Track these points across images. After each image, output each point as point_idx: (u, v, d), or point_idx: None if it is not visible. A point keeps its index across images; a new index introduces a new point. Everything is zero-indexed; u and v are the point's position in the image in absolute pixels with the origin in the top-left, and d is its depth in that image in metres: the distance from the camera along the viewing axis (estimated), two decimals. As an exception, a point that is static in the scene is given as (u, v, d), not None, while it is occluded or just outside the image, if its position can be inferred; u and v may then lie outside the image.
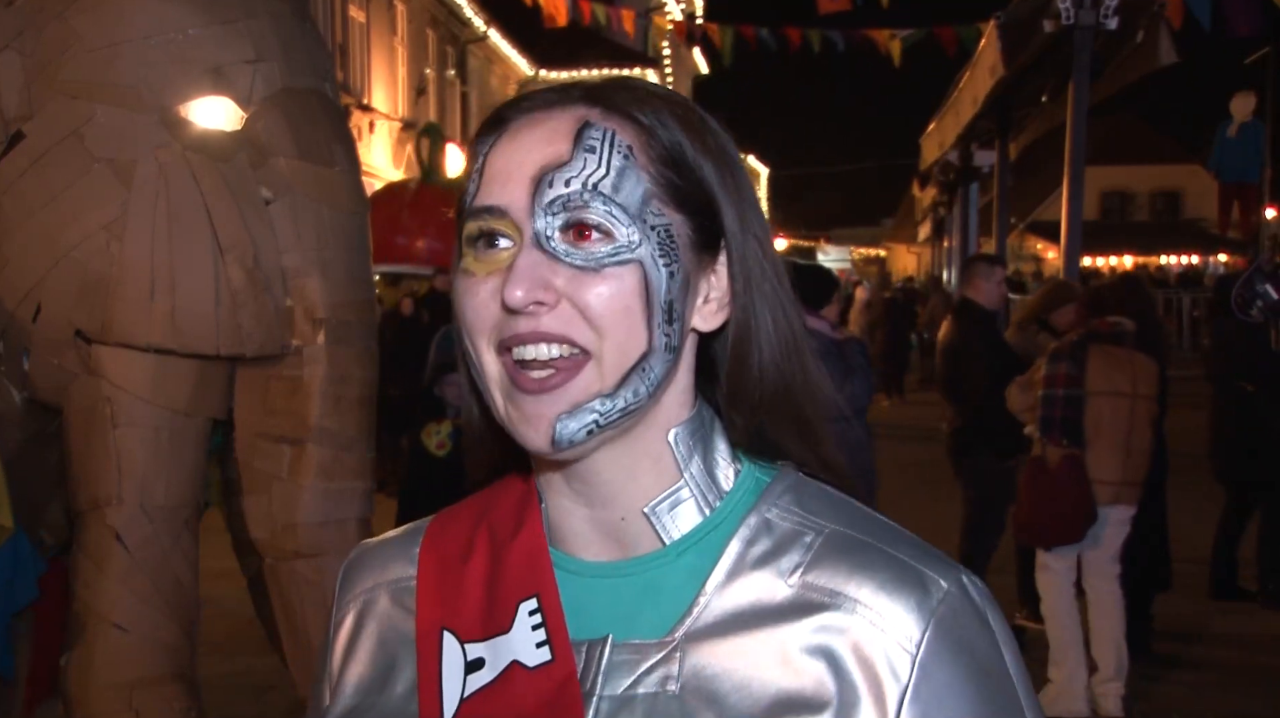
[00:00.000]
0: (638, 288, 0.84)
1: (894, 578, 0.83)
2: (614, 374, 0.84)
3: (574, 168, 0.84)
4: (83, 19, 2.96)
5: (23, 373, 3.06)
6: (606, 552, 0.91)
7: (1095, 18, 6.64)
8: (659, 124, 0.88)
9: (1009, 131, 11.28)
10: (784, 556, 0.86)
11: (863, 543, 0.86)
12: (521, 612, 0.89)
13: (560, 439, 0.84)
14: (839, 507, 0.90)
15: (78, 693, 2.91)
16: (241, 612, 3.94)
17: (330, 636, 1.00)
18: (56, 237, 2.90)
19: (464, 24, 21.02)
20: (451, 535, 0.96)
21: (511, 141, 0.87)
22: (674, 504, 0.89)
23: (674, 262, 0.86)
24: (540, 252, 0.84)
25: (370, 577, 0.99)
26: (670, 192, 0.87)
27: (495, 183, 0.86)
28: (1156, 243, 33.42)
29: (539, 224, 0.84)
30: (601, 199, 0.84)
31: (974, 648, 0.83)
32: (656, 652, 0.85)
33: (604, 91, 0.89)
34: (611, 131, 0.86)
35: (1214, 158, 15.34)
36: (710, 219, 0.89)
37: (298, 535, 3.04)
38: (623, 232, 0.84)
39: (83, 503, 2.98)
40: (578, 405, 0.84)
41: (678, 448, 0.90)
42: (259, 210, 2.98)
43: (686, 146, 0.88)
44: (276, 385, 3.05)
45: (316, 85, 3.22)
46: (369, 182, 11.79)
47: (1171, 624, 5.85)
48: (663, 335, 0.85)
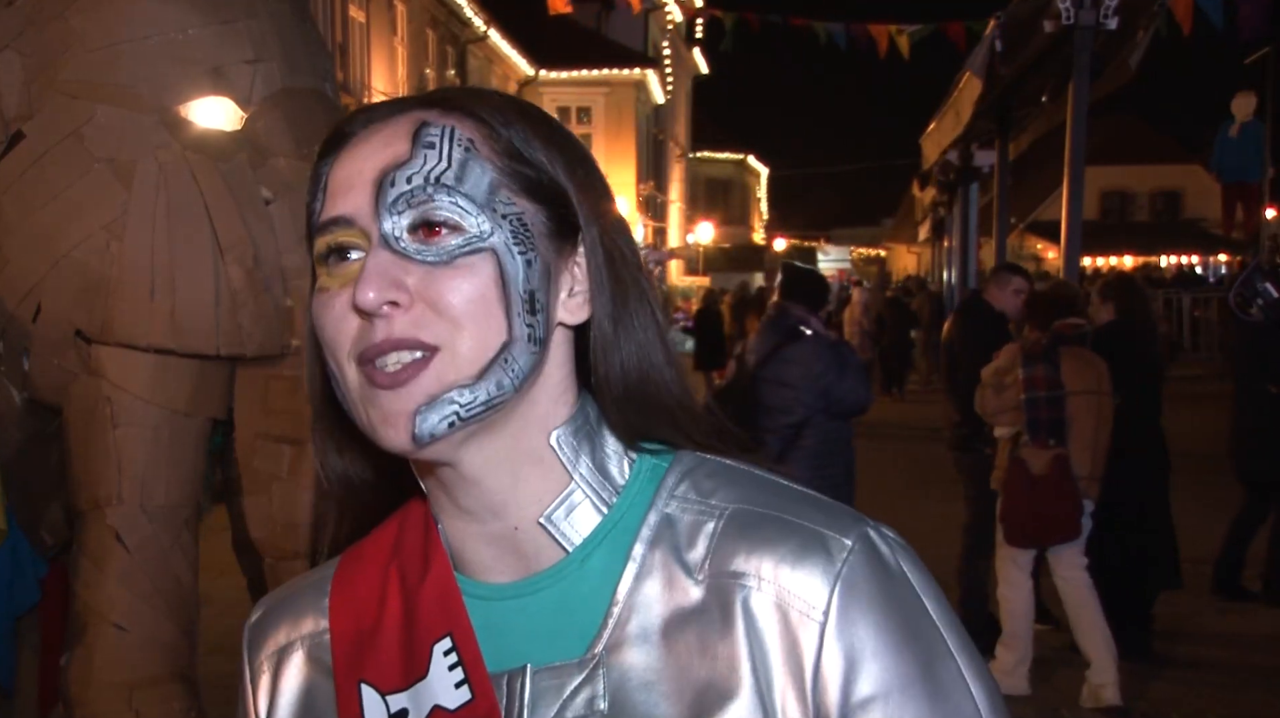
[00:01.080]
0: (494, 276, 0.81)
1: (795, 547, 0.82)
2: (472, 366, 0.81)
3: (414, 165, 0.82)
4: (83, 19, 2.96)
5: (23, 373, 3.06)
6: (511, 570, 0.88)
7: (1095, 18, 6.64)
8: (499, 119, 0.86)
9: (1009, 131, 11.27)
10: (690, 550, 0.84)
11: (761, 517, 0.84)
12: (436, 653, 0.86)
13: (420, 434, 0.80)
14: (736, 480, 0.88)
15: (78, 693, 2.91)
16: (241, 612, 3.93)
17: (249, 695, 0.97)
18: (56, 237, 2.90)
19: (464, 24, 21.03)
20: (361, 582, 0.92)
21: (351, 154, 0.85)
22: (569, 509, 0.87)
23: (530, 249, 0.84)
24: (390, 252, 0.81)
25: (282, 634, 0.95)
26: (520, 180, 0.85)
27: (338, 194, 0.84)
28: (1156, 243, 33.42)
29: (385, 225, 0.81)
30: (445, 191, 0.81)
31: (887, 600, 0.81)
32: (579, 672, 0.83)
33: (441, 94, 0.88)
34: (450, 127, 0.84)
35: (1215, 158, 15.36)
36: (565, 208, 0.86)
37: (298, 535, 3.04)
38: (472, 221, 0.82)
39: (83, 503, 2.98)
40: (434, 398, 0.80)
41: (562, 450, 0.87)
42: (259, 210, 2.98)
43: (531, 139, 0.86)
44: (276, 385, 3.05)
45: (316, 85, 3.22)
46: (369, 181, 11.77)
47: (1171, 624, 5.85)
48: (524, 326, 0.83)
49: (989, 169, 13.18)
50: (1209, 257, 32.34)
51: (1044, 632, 5.79)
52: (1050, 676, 5.26)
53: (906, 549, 0.85)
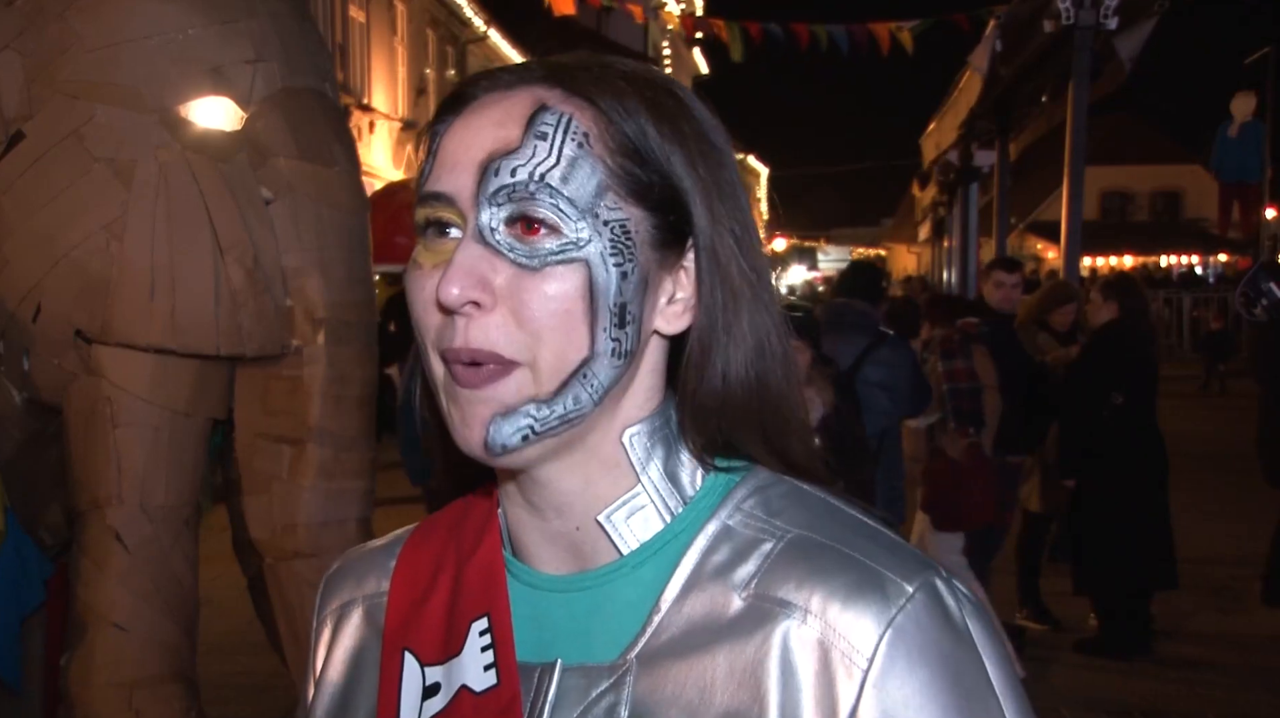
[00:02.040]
0: (582, 288, 0.78)
1: (850, 583, 0.76)
2: (551, 381, 0.78)
3: (522, 155, 0.78)
4: (83, 19, 2.96)
5: (23, 373, 3.06)
6: (564, 563, 0.86)
7: (1095, 18, 6.65)
8: (621, 109, 0.81)
9: (1009, 132, 11.28)
10: (740, 566, 0.80)
11: (822, 546, 0.79)
12: (472, 632, 0.85)
13: (493, 443, 0.78)
14: (807, 506, 0.84)
15: (78, 693, 2.91)
16: (241, 612, 3.94)
17: (312, 644, 0.99)
18: (56, 237, 2.90)
19: (464, 24, 21.02)
20: (425, 550, 0.93)
21: (465, 124, 0.81)
22: (631, 512, 0.84)
23: (628, 260, 0.79)
24: (482, 245, 0.78)
25: (347, 590, 0.97)
26: (629, 184, 0.80)
27: (444, 168, 0.81)
28: (1156, 243, 33.42)
29: (483, 216, 0.79)
30: (549, 191, 0.77)
31: (942, 658, 0.75)
32: (606, 677, 0.80)
33: (566, 71, 0.82)
34: (567, 116, 0.79)
35: (1214, 158, 15.36)
36: (677, 214, 0.82)
37: (298, 536, 3.04)
38: (571, 226, 0.78)
39: (83, 503, 2.98)
40: (510, 409, 0.78)
41: (633, 450, 0.84)
42: (259, 210, 2.98)
43: (651, 134, 0.81)
44: (276, 385, 3.05)
45: (316, 85, 3.22)
46: (369, 182, 11.79)
47: (1171, 624, 5.85)
48: (610, 340, 0.79)
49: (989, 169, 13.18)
50: (1209, 257, 32.34)
51: (1044, 632, 5.79)
52: (1050, 676, 5.26)
53: (976, 607, 0.79)
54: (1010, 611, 5.87)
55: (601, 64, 0.83)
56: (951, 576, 0.80)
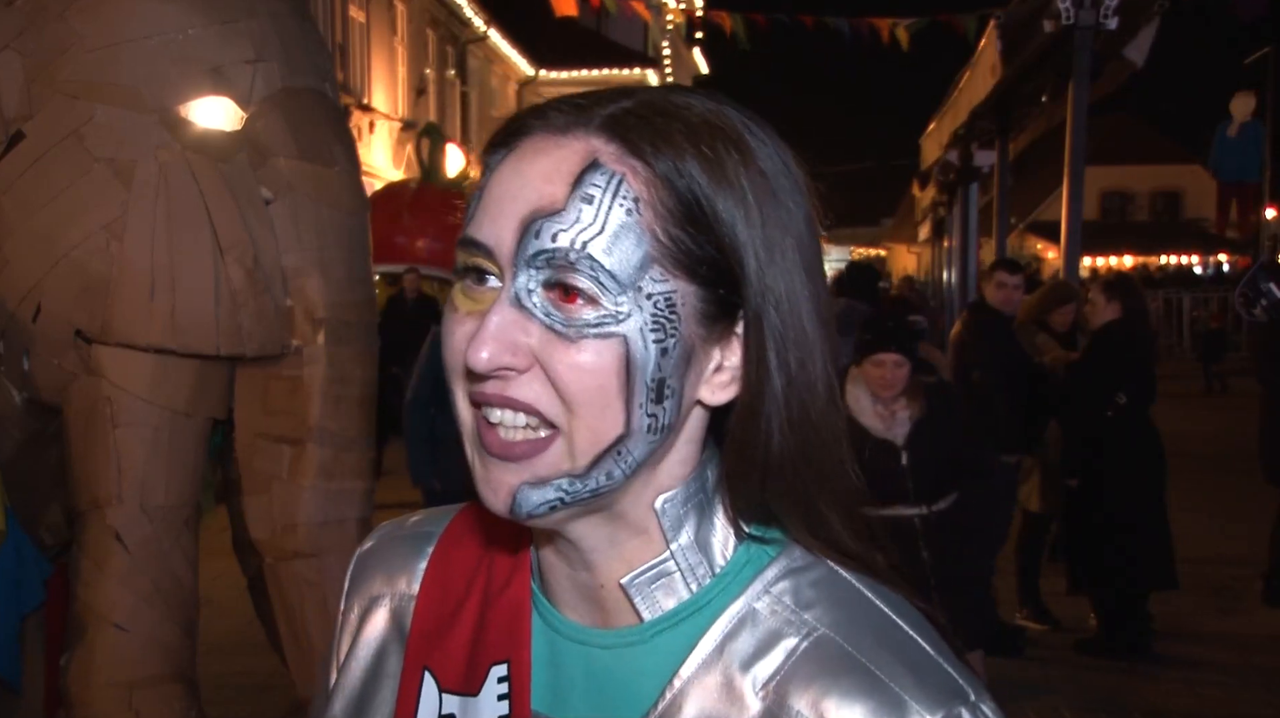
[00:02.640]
0: (617, 365, 0.74)
1: (870, 711, 0.73)
2: (585, 456, 0.76)
3: (566, 219, 0.74)
4: (83, 19, 2.96)
5: (23, 373, 3.06)
6: (587, 614, 0.85)
7: (1095, 18, 6.64)
8: (678, 172, 0.75)
9: (1009, 132, 11.28)
10: (761, 659, 0.77)
11: (847, 658, 0.76)
12: (492, 676, 0.84)
13: (518, 511, 0.77)
14: (840, 601, 0.80)
15: (78, 693, 2.91)
16: (241, 612, 3.94)
17: (339, 624, 0.97)
18: (56, 237, 2.90)
19: (464, 24, 21.02)
20: (457, 563, 0.91)
21: (514, 169, 0.78)
22: (656, 578, 0.81)
23: (669, 335, 0.75)
24: (516, 309, 0.75)
25: (378, 581, 0.95)
26: (678, 255, 0.76)
27: (487, 216, 0.77)
28: (1156, 243, 33.44)
29: (520, 279, 0.75)
30: (590, 263, 0.73)
31: None
32: None
33: (626, 123, 0.77)
34: (618, 179, 0.75)
35: (1214, 158, 15.37)
36: (728, 288, 0.77)
37: (298, 535, 3.04)
38: (610, 300, 0.74)
39: (83, 503, 2.98)
40: (542, 480, 0.76)
41: (665, 517, 0.81)
42: (259, 210, 2.98)
43: (708, 201, 0.76)
44: (276, 385, 3.05)
45: (316, 85, 3.22)
46: (369, 181, 11.80)
47: (1171, 624, 5.85)
48: (646, 417, 0.76)
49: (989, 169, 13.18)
50: (1209, 257, 32.36)
51: (1044, 632, 5.79)
52: (1050, 676, 5.26)
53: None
54: (1010, 611, 5.87)
55: (665, 113, 0.78)
56: (981, 699, 0.76)
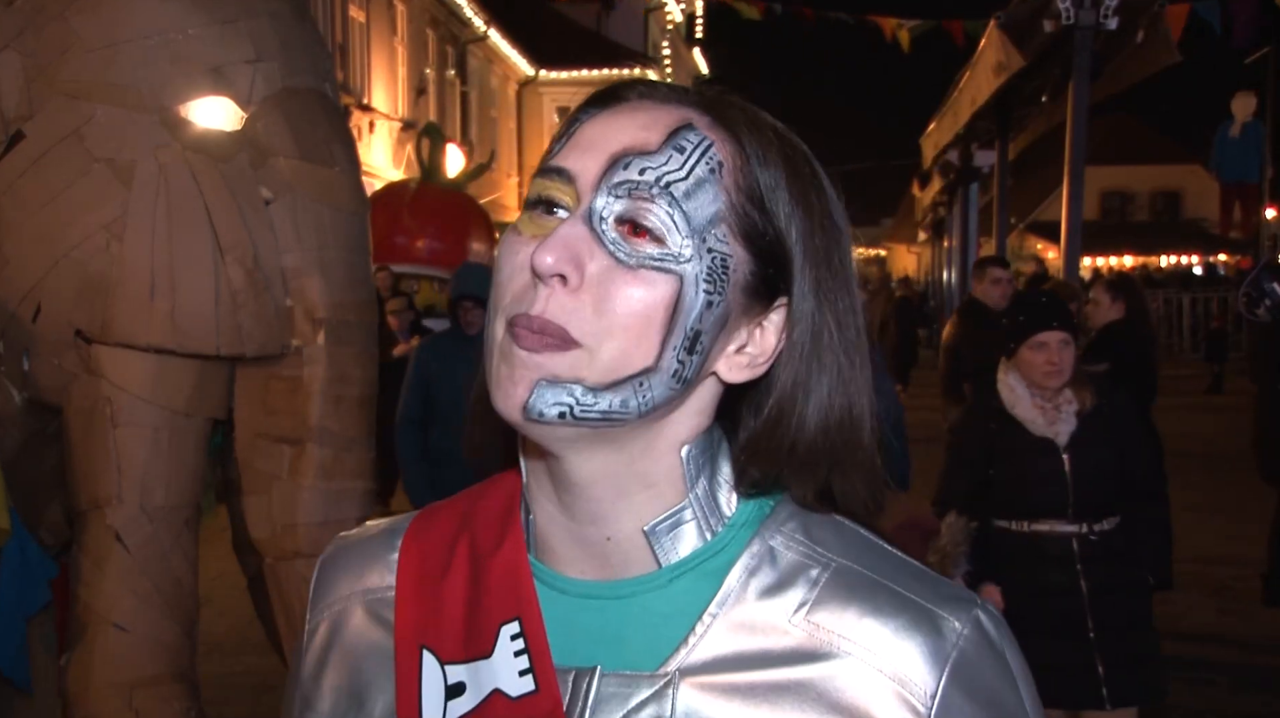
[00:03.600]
0: (668, 300, 0.78)
1: (906, 623, 0.79)
2: (606, 374, 0.78)
3: (656, 159, 0.78)
4: (83, 19, 2.96)
5: (23, 373, 3.06)
6: (591, 570, 0.85)
7: (1095, 18, 6.64)
8: (761, 155, 0.82)
9: (1009, 132, 11.28)
10: (788, 590, 0.81)
11: (872, 581, 0.81)
12: (503, 635, 0.84)
13: (531, 407, 0.77)
14: (846, 537, 0.85)
15: (78, 693, 2.91)
16: (241, 612, 3.94)
17: (304, 641, 0.96)
18: (56, 237, 2.90)
19: (464, 24, 21.02)
20: (432, 542, 0.91)
21: (609, 117, 0.82)
22: (675, 525, 0.84)
23: (718, 292, 0.79)
24: (588, 228, 0.78)
25: (345, 583, 0.94)
26: (744, 225, 0.80)
27: (576, 149, 0.81)
28: (1156, 243, 33.46)
29: (598, 202, 0.79)
30: (669, 199, 0.78)
31: (991, 692, 0.79)
32: (648, 686, 0.80)
33: (722, 104, 0.84)
34: (709, 141, 0.80)
35: (1214, 158, 15.36)
36: (778, 270, 0.82)
37: (298, 535, 3.04)
38: (676, 239, 0.78)
39: (83, 503, 2.98)
40: (557, 379, 0.77)
41: (688, 467, 0.84)
42: (259, 210, 2.98)
43: (781, 191, 0.82)
44: (276, 385, 3.05)
45: (316, 85, 3.22)
46: (369, 181, 11.78)
47: (1171, 624, 5.85)
48: (675, 361, 0.79)
49: (989, 169, 13.19)
50: (1209, 257, 32.36)
51: (1044, 632, 5.78)
52: (1050, 676, 5.26)
53: (1008, 632, 0.83)
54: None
55: (757, 112, 0.85)
56: (984, 605, 0.83)
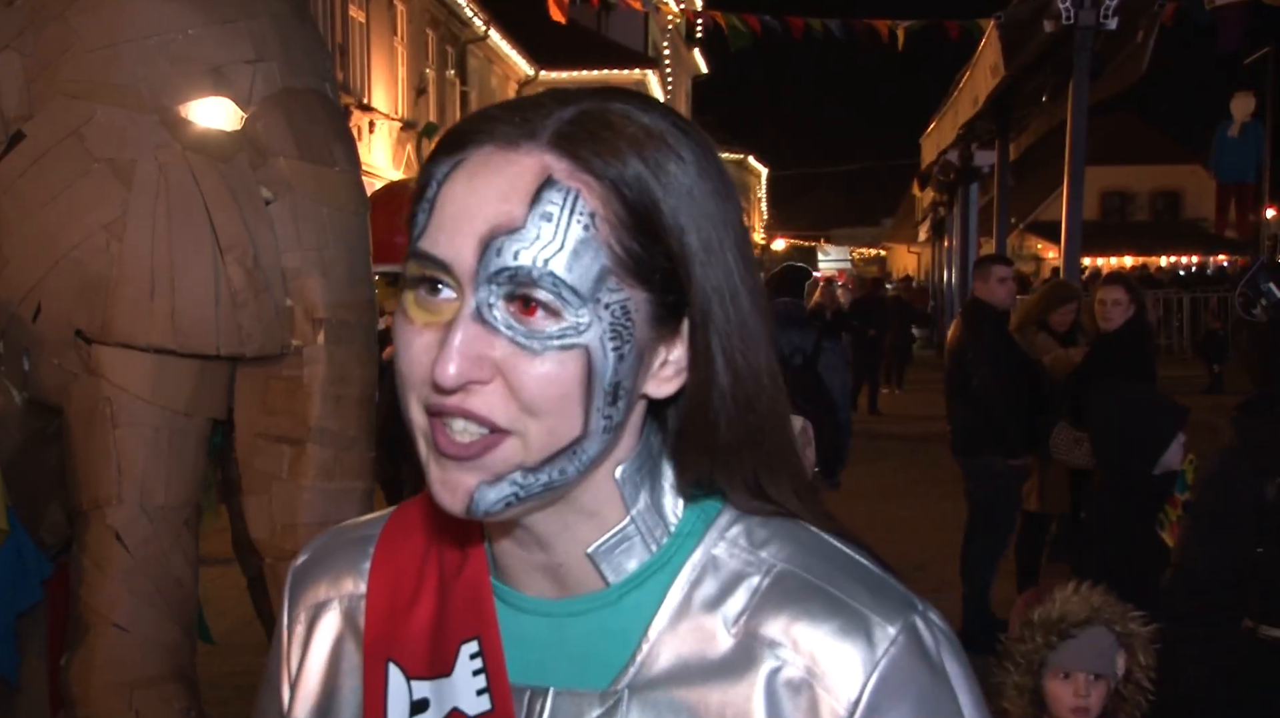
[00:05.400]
0: (580, 375, 0.77)
1: (837, 628, 0.80)
2: (540, 453, 0.78)
3: (526, 237, 0.76)
4: (83, 19, 2.95)
5: (23, 373, 3.06)
6: (547, 589, 0.88)
7: (1095, 18, 6.66)
8: (626, 183, 0.79)
9: (1009, 132, 11.29)
10: (729, 598, 0.83)
11: (808, 585, 0.82)
12: (463, 654, 0.86)
13: (475, 510, 0.79)
14: (792, 539, 0.86)
15: (78, 693, 2.91)
16: (241, 612, 3.94)
17: (283, 642, 0.97)
18: (56, 236, 2.90)
19: (464, 24, 21.02)
20: (404, 554, 0.93)
21: (467, 185, 0.79)
22: (619, 543, 0.85)
23: (625, 342, 0.79)
24: (480, 324, 0.77)
25: (322, 588, 0.96)
26: (632, 264, 0.79)
27: (443, 232, 0.79)
28: (1156, 243, 33.45)
29: (481, 294, 0.77)
30: (552, 279, 0.76)
31: (921, 697, 0.79)
32: (599, 705, 0.82)
33: (575, 137, 0.79)
34: (574, 194, 0.77)
35: (1214, 158, 15.36)
36: (676, 294, 0.81)
37: (298, 535, 3.04)
38: (571, 313, 0.77)
39: (83, 503, 2.98)
40: (497, 477, 0.79)
41: (624, 485, 0.85)
42: (259, 210, 2.98)
43: (655, 207, 0.79)
44: (276, 385, 3.05)
45: (316, 85, 3.22)
46: (369, 181, 11.76)
47: (1171, 624, 5.84)
48: (602, 419, 0.80)
49: (989, 169, 13.20)
50: (1209, 257, 32.36)
51: (1044, 632, 5.78)
52: (1050, 676, 5.25)
53: (951, 641, 0.83)
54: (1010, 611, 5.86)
55: (608, 124, 0.80)
56: (928, 609, 0.83)
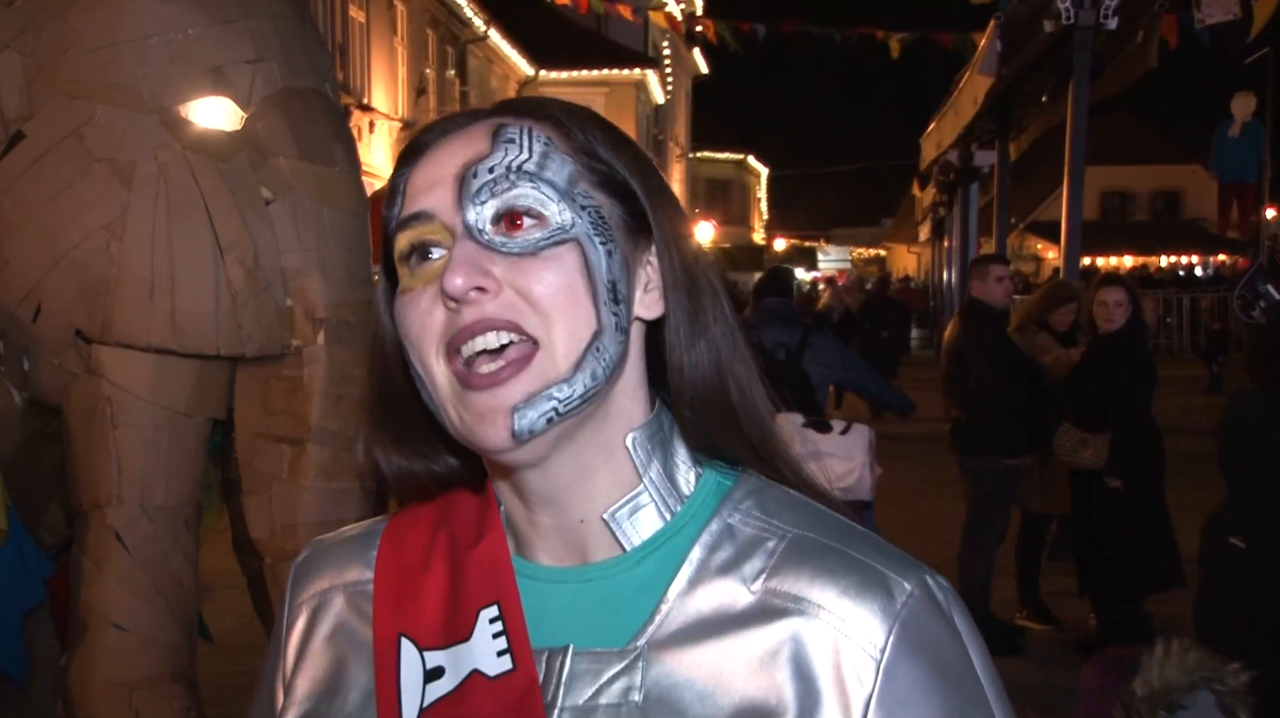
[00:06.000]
0: (579, 266, 0.83)
1: (857, 582, 0.83)
2: (568, 359, 0.82)
3: (496, 157, 0.84)
4: (83, 19, 2.95)
5: (23, 373, 3.06)
6: (566, 557, 0.90)
7: (1095, 18, 6.66)
8: (574, 122, 0.88)
9: (1009, 132, 11.29)
10: (747, 562, 0.85)
11: (825, 547, 0.85)
12: (482, 619, 0.87)
13: (520, 431, 0.81)
14: (801, 510, 0.89)
15: (78, 693, 2.92)
16: (241, 612, 3.94)
17: (281, 637, 0.98)
18: (56, 237, 2.90)
19: (464, 24, 21.02)
20: (410, 541, 0.94)
21: (429, 159, 0.86)
22: (634, 510, 0.88)
23: (610, 241, 0.85)
24: (474, 243, 0.82)
25: (325, 578, 0.97)
26: (595, 176, 0.87)
27: (419, 191, 0.85)
28: (1156, 243, 33.44)
29: (470, 216, 0.83)
30: (528, 178, 0.83)
31: (939, 649, 0.82)
32: (618, 661, 0.84)
33: (514, 103, 0.91)
34: (528, 126, 0.86)
35: (1214, 158, 15.36)
36: (638, 203, 0.88)
37: (298, 535, 3.04)
38: (554, 210, 0.83)
39: (83, 503, 2.98)
40: (533, 394, 0.81)
41: (636, 453, 0.88)
42: (259, 210, 2.98)
43: (601, 143, 0.88)
44: (276, 385, 3.05)
45: (316, 85, 3.22)
46: (369, 182, 11.76)
47: (1171, 624, 5.84)
48: (610, 314, 0.84)
49: (989, 169, 13.20)
50: (1209, 257, 32.37)
51: (1044, 632, 5.80)
52: (1051, 677, 5.26)
53: (959, 600, 0.87)
54: (1010, 610, 5.88)
55: (543, 100, 0.91)
56: (934, 572, 0.87)
